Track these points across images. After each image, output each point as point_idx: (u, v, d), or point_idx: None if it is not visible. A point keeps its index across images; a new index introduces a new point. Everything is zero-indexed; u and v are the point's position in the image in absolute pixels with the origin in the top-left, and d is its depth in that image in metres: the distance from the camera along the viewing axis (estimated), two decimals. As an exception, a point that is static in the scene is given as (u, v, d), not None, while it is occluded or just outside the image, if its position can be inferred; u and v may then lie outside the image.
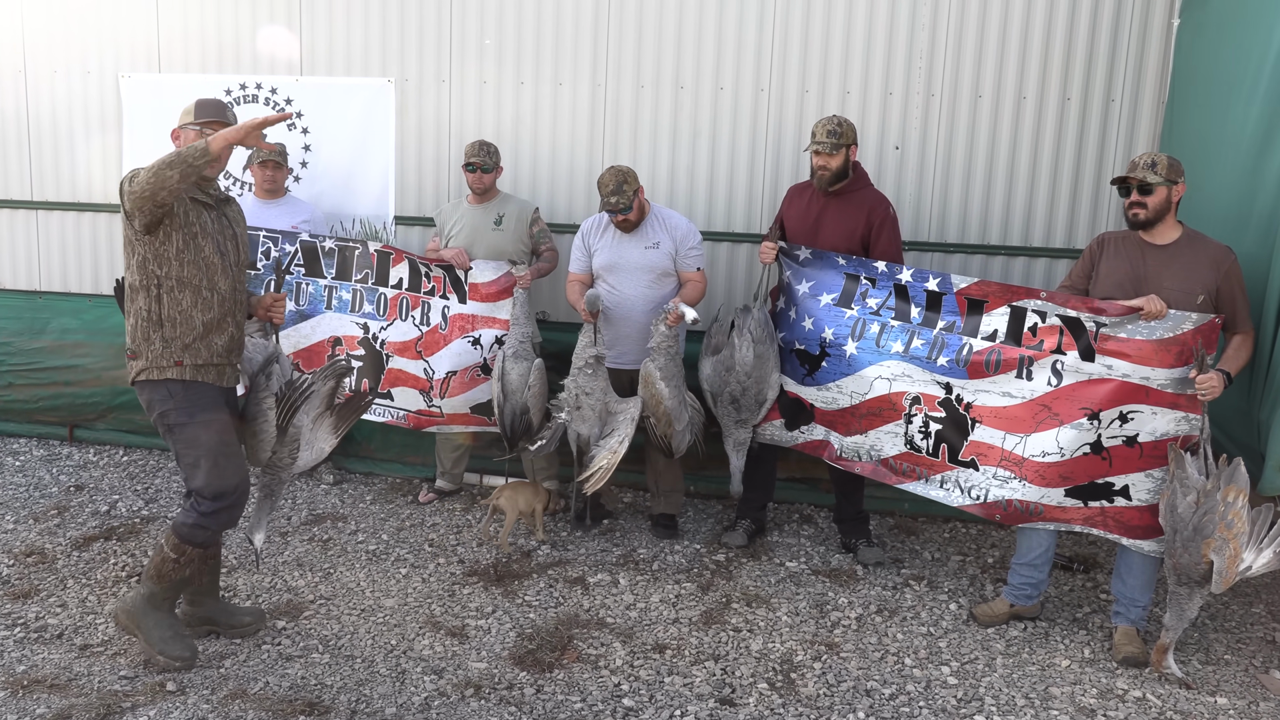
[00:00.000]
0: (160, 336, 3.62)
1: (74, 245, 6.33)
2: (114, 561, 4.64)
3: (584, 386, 4.81)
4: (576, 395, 4.83)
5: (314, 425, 3.99)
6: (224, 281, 3.72)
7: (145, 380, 3.66)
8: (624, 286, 4.94)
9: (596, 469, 4.70)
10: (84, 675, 3.69)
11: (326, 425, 4.03)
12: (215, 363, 3.71)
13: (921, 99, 5.37)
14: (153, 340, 3.62)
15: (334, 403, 4.06)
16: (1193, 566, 3.67)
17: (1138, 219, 3.94)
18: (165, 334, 3.62)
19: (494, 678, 3.75)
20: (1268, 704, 3.75)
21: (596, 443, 4.83)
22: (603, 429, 4.85)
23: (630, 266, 4.92)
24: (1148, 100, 5.21)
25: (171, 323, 3.62)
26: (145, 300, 3.61)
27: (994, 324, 4.24)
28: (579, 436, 4.88)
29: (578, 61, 5.64)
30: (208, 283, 3.65)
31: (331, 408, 4.05)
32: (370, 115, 5.86)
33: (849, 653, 4.03)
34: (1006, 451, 4.20)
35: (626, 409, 4.80)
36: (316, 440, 4.02)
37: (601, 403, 4.83)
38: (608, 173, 4.76)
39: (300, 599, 4.33)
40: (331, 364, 4.14)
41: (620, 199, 4.72)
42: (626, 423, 4.76)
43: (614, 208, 4.75)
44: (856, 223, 4.67)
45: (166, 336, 3.62)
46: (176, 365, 3.63)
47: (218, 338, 3.71)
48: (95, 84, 6.12)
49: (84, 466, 5.92)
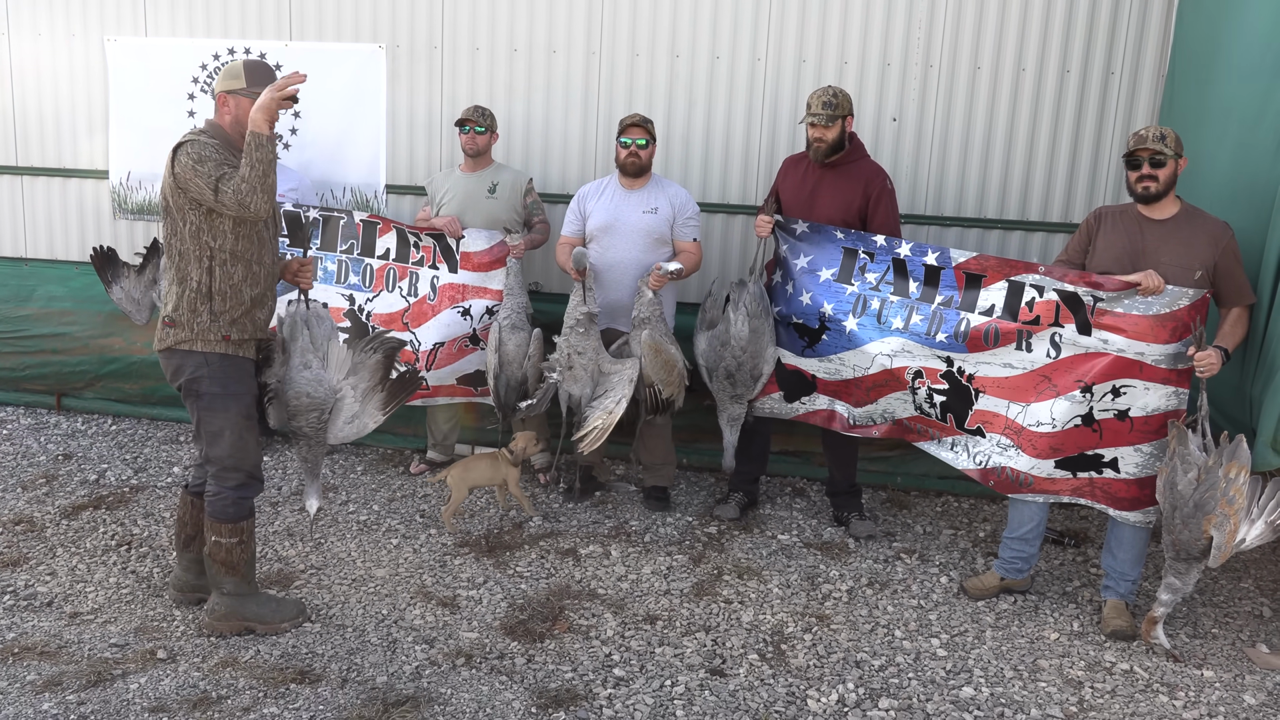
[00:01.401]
0: (209, 309, 3.58)
1: (60, 212, 6.26)
2: (103, 530, 4.62)
3: (576, 346, 4.78)
4: (569, 355, 4.80)
5: (363, 400, 3.93)
6: (269, 255, 3.71)
7: (183, 349, 3.62)
8: (618, 247, 4.91)
9: (591, 429, 4.67)
10: (74, 643, 3.67)
11: (376, 401, 3.95)
12: (257, 336, 3.72)
13: (920, 70, 5.32)
14: (199, 312, 3.58)
15: (385, 378, 3.96)
16: (1192, 542, 3.68)
17: (1149, 192, 3.91)
18: (214, 307, 3.58)
19: (485, 647, 3.75)
20: (1253, 677, 3.78)
21: (589, 403, 4.81)
22: (595, 389, 4.83)
23: (627, 229, 4.89)
24: (1147, 73, 5.17)
25: (222, 296, 3.58)
26: (197, 271, 3.56)
27: (991, 299, 4.23)
28: (570, 397, 4.86)
29: (572, 29, 5.57)
30: (257, 257, 3.64)
31: (383, 382, 3.96)
32: (361, 82, 5.79)
33: (839, 625, 4.03)
34: (1010, 420, 4.22)
35: (622, 369, 4.77)
36: (363, 415, 3.94)
37: (594, 363, 4.80)
38: (633, 115, 4.87)
39: (291, 569, 4.32)
40: (378, 336, 4.05)
41: (643, 133, 4.83)
42: (623, 383, 4.73)
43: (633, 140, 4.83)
44: (853, 195, 4.63)
45: (215, 310, 3.59)
46: (225, 340, 3.62)
47: (260, 311, 3.71)
48: (80, 47, 6.03)
49: (72, 435, 5.89)
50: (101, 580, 4.18)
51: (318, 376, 3.85)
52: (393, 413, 4.02)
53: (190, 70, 5.89)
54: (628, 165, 4.87)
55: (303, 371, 3.82)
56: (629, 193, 4.92)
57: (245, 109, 3.54)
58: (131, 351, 6.03)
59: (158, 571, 4.25)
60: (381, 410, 3.97)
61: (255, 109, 3.41)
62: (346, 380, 3.91)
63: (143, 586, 4.14)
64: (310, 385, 3.83)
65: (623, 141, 4.85)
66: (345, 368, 3.91)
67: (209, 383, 3.61)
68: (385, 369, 3.96)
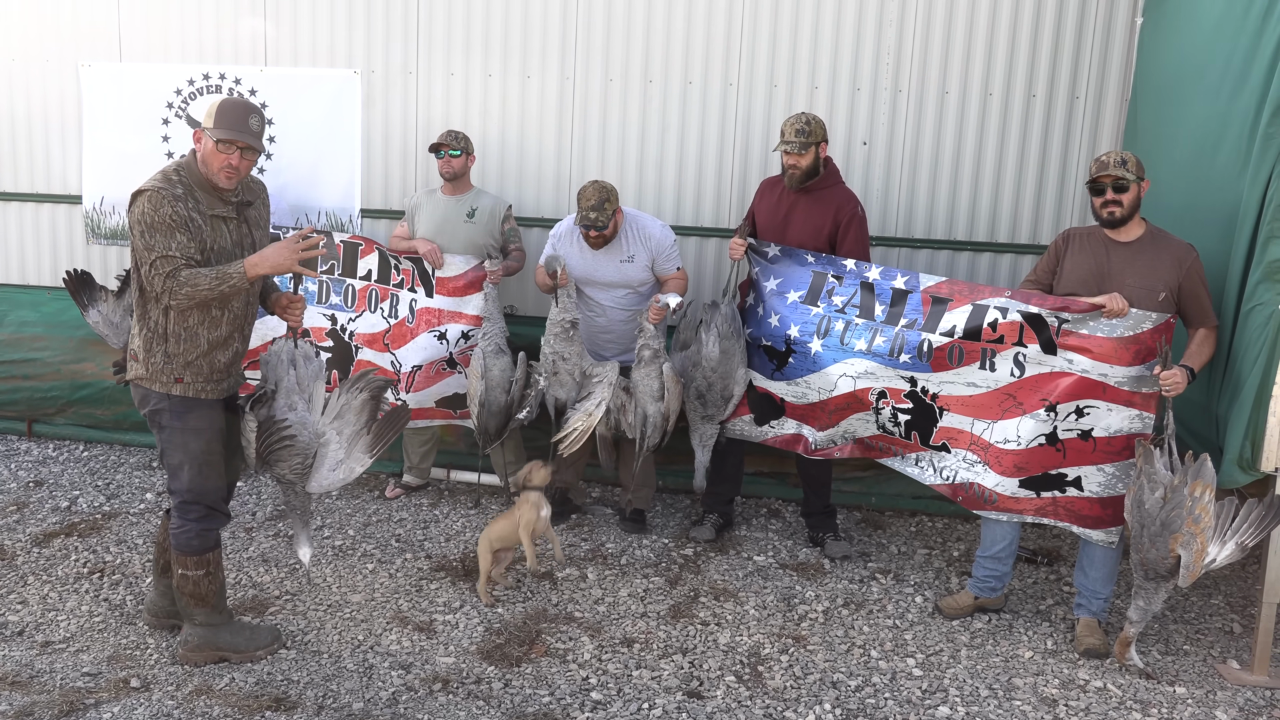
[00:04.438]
0: (164, 351, 3.54)
1: (33, 237, 6.22)
2: (75, 558, 4.58)
3: (560, 351, 4.80)
4: (554, 361, 4.82)
5: (349, 445, 3.74)
6: (238, 301, 3.62)
7: (143, 385, 3.60)
8: (600, 300, 4.94)
9: (571, 430, 4.68)
10: (46, 672, 3.63)
11: (362, 444, 3.75)
12: (215, 379, 3.65)
13: (889, 94, 5.40)
14: (154, 353, 3.55)
15: (373, 419, 3.77)
16: (1160, 561, 3.72)
17: (1114, 217, 3.97)
18: (169, 349, 3.54)
19: (462, 672, 3.74)
20: (1225, 693, 3.82)
21: (572, 406, 4.83)
22: (579, 394, 4.85)
23: (604, 281, 4.91)
24: (1111, 97, 5.26)
25: (176, 338, 3.53)
26: (155, 311, 3.53)
27: (953, 320, 4.27)
28: (556, 401, 4.88)
29: (546, 54, 5.61)
30: (219, 302, 3.54)
31: (369, 424, 3.77)
32: (336, 107, 5.80)
33: (816, 645, 4.05)
34: (975, 435, 4.26)
35: (604, 374, 4.79)
36: (349, 459, 3.73)
37: (578, 367, 4.82)
38: (590, 186, 4.70)
39: (265, 595, 4.29)
40: (364, 375, 3.86)
41: (600, 216, 4.66)
42: (603, 386, 4.74)
43: (592, 224, 4.68)
44: (824, 220, 4.69)
45: (170, 352, 3.54)
46: (178, 382, 3.57)
47: (221, 355, 3.63)
48: (55, 73, 6.01)
49: (43, 462, 5.83)
50: (74, 608, 4.14)
51: (302, 419, 3.69)
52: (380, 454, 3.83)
53: (165, 95, 5.89)
54: (595, 244, 4.83)
55: (287, 414, 3.67)
56: (599, 252, 4.89)
57: (209, 149, 3.45)
58: (104, 377, 5.98)
59: (130, 599, 4.22)
60: (369, 453, 3.77)
61: (269, 260, 3.41)
62: (332, 425, 3.75)
63: (115, 614, 4.10)
64: (294, 429, 3.66)
65: (584, 227, 4.74)
66: (332, 411, 3.76)
67: (169, 416, 3.59)
68: (372, 411, 3.79)
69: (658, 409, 4.81)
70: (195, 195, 3.47)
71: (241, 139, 3.45)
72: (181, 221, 3.40)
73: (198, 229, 3.44)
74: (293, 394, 3.71)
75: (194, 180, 3.50)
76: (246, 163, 3.52)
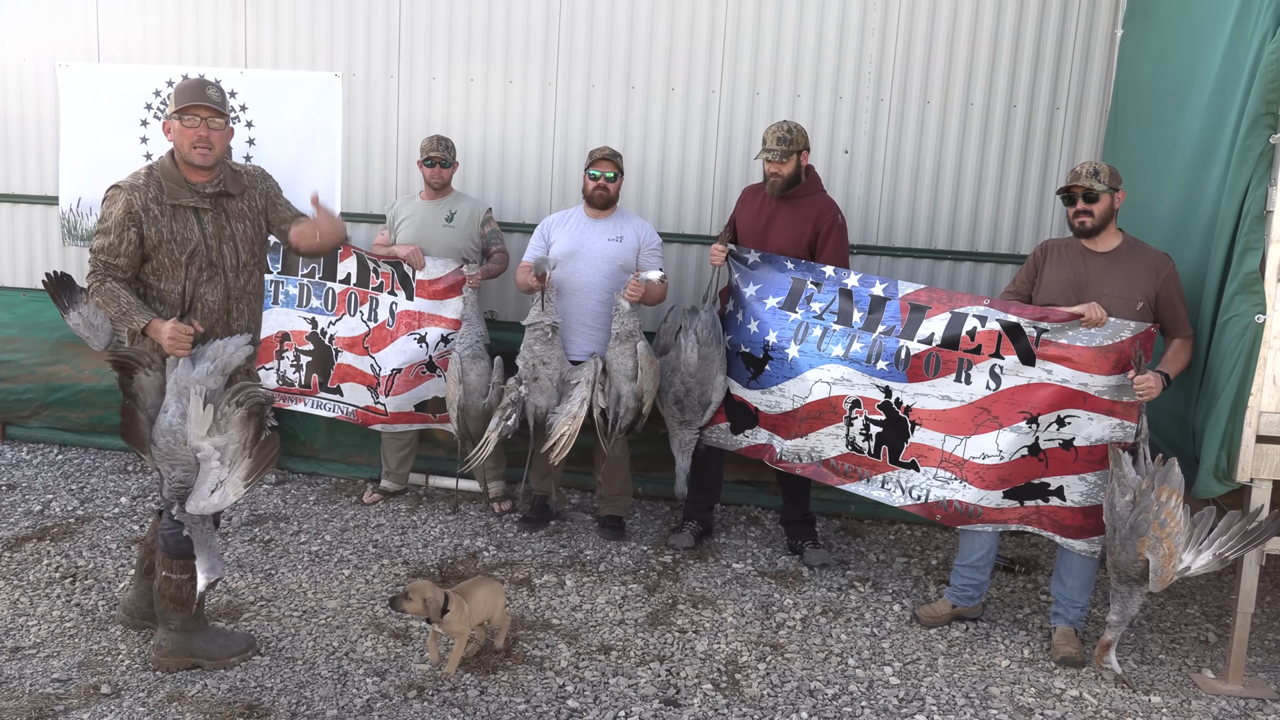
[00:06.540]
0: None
1: (7, 238, 6.15)
2: (47, 562, 4.52)
3: (541, 356, 4.78)
4: (533, 365, 4.79)
5: (231, 466, 3.37)
6: (213, 294, 3.59)
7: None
8: (582, 272, 4.91)
9: (559, 436, 4.65)
10: (15, 678, 3.59)
11: (242, 468, 3.38)
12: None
13: (871, 104, 5.41)
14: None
15: (255, 440, 3.40)
16: (1130, 564, 3.74)
17: (1085, 226, 4.00)
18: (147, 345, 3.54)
19: (437, 680, 3.71)
20: (1200, 702, 3.83)
21: (554, 412, 4.81)
22: (560, 400, 4.82)
23: (592, 254, 4.90)
24: (1091, 109, 5.30)
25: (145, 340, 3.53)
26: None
27: (932, 328, 4.28)
28: (537, 409, 4.85)
29: (528, 59, 5.60)
30: (187, 304, 3.54)
31: (250, 445, 3.39)
32: (317, 110, 5.77)
33: (793, 653, 4.04)
34: (946, 453, 4.25)
35: (583, 373, 4.77)
36: (227, 484, 3.36)
37: (558, 372, 4.80)
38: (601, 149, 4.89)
39: (240, 600, 4.25)
40: (243, 388, 3.45)
41: (610, 165, 4.85)
42: (583, 385, 4.73)
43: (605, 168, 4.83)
44: (804, 228, 4.69)
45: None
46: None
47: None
48: (31, 73, 5.96)
49: (16, 465, 5.77)
50: (45, 613, 4.09)
51: (171, 426, 3.37)
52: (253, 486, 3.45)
53: (144, 97, 5.84)
54: (595, 197, 4.87)
55: (163, 414, 3.39)
56: (594, 221, 4.94)
57: (178, 131, 3.50)
58: (79, 379, 5.93)
59: (103, 604, 4.17)
60: (244, 481, 3.38)
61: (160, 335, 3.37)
62: (208, 439, 3.35)
63: (87, 620, 4.05)
64: (163, 434, 3.37)
65: (591, 174, 4.86)
66: (205, 423, 3.34)
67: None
68: (256, 430, 3.40)
69: (630, 389, 4.78)
70: (161, 185, 3.49)
71: (200, 103, 3.47)
72: (134, 215, 3.43)
73: (153, 219, 3.46)
74: (171, 394, 3.41)
75: (164, 173, 3.53)
76: (217, 134, 3.52)
